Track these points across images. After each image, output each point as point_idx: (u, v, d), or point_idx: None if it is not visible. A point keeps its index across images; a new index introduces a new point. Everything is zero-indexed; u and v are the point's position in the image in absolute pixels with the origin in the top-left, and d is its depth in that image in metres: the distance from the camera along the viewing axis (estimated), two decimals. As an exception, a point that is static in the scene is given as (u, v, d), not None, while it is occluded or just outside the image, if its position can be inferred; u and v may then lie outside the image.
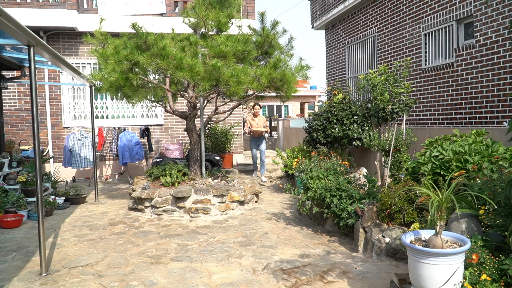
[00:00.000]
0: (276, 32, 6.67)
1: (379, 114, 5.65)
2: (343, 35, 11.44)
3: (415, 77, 8.21)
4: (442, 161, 4.40)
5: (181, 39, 6.42)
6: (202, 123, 7.07)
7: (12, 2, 8.85)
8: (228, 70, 5.54)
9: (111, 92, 6.17)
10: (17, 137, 9.41)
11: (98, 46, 6.31)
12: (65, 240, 4.96)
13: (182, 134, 10.36)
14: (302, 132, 10.08)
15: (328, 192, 5.00)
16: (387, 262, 4.01)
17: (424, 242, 2.67)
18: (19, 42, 3.88)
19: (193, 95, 6.68)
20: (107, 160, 10.10)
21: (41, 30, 9.20)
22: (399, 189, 4.23)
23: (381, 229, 4.19)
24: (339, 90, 8.66)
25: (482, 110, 6.62)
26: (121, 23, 8.67)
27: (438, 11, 7.55)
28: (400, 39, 8.72)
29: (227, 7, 6.39)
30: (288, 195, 7.72)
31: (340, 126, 7.70)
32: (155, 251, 4.48)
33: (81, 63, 9.78)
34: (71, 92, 9.93)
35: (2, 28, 3.34)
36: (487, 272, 2.57)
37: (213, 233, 5.16)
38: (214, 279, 3.67)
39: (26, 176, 6.56)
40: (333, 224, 5.10)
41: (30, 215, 6.03)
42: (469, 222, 3.01)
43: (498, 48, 6.29)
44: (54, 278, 3.74)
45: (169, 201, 6.12)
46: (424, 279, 2.51)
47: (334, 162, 6.49)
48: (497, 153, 4.23)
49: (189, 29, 6.87)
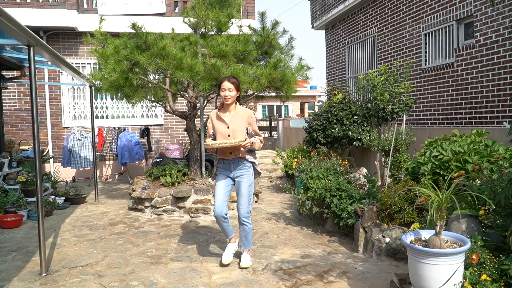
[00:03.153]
0: (276, 32, 6.67)
1: (379, 114, 5.65)
2: (343, 35, 11.44)
3: (415, 77, 8.21)
4: (442, 161, 4.40)
5: (181, 39, 6.41)
6: (202, 123, 7.07)
7: (12, 2, 8.85)
8: (228, 70, 5.54)
9: (111, 92, 6.17)
10: (17, 137, 9.41)
11: (98, 46, 6.31)
12: (65, 240, 4.96)
13: (182, 134, 10.36)
14: (302, 132, 10.08)
15: (328, 192, 4.99)
16: (387, 262, 4.01)
17: (424, 242, 2.67)
18: (19, 42, 3.87)
19: (193, 95, 6.68)
20: (107, 160, 10.10)
21: (41, 30, 9.20)
22: (399, 189, 4.23)
23: (381, 229, 4.19)
24: (339, 90, 8.66)
25: (482, 110, 6.62)
26: (121, 23, 8.67)
27: (438, 11, 7.55)
28: (400, 39, 8.71)
29: (227, 7, 6.39)
30: (288, 195, 7.71)
31: (340, 126, 7.70)
32: (155, 251, 4.48)
33: (81, 63, 9.78)
34: (71, 92, 9.92)
35: (2, 28, 3.34)
36: (487, 272, 2.56)
37: (213, 233, 5.16)
38: (214, 279, 3.67)
39: (26, 176, 6.56)
40: (333, 224, 5.10)
41: (30, 215, 6.03)
42: (469, 222, 3.00)
43: (498, 48, 6.28)
44: (54, 278, 3.74)
45: (169, 201, 6.12)
46: (424, 279, 2.51)
47: (334, 162, 6.49)
48: (497, 153, 4.23)
49: (189, 29, 6.87)
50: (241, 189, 3.85)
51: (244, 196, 3.84)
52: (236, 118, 3.83)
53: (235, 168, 3.87)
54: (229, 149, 3.80)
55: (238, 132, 3.77)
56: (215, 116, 3.89)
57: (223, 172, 3.93)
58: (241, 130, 3.79)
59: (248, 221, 3.86)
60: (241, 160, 3.86)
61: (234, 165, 3.86)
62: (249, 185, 3.86)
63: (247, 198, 3.84)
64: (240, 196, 3.86)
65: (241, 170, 3.87)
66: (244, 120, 3.84)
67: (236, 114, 3.85)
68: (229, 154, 3.82)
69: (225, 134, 3.79)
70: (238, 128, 3.79)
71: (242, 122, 3.82)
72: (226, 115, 3.85)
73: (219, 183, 3.89)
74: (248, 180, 3.86)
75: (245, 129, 3.83)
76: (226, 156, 3.85)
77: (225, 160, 3.89)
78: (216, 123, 3.86)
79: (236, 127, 3.79)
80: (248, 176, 3.87)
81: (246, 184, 3.85)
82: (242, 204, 3.84)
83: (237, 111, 3.86)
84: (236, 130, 3.78)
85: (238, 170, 3.86)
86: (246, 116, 3.85)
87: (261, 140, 3.88)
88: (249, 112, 3.87)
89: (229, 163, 3.87)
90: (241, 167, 3.86)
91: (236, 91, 3.78)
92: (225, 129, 3.80)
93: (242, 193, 3.84)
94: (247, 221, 3.86)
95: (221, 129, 3.81)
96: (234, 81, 3.76)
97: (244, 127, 3.82)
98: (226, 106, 3.86)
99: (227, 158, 3.86)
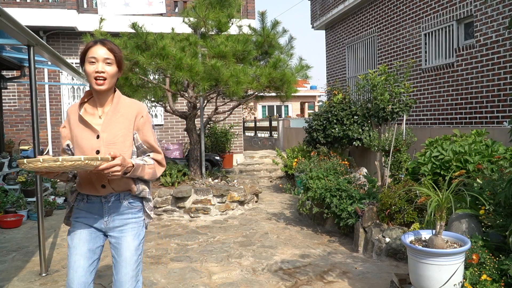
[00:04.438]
0: (276, 32, 6.66)
1: (379, 114, 5.65)
2: (343, 35, 11.43)
3: (415, 77, 8.20)
4: (442, 161, 4.39)
5: (181, 39, 6.41)
6: (202, 123, 7.07)
7: (12, 2, 8.85)
8: (227, 70, 5.54)
9: (111, 92, 6.15)
10: (17, 137, 9.40)
11: (98, 46, 6.30)
12: (65, 240, 4.96)
13: (182, 134, 10.36)
14: (302, 132, 10.08)
15: (328, 192, 4.99)
16: (387, 262, 4.01)
17: (424, 242, 2.66)
18: (19, 42, 3.88)
19: (193, 95, 6.68)
20: (107, 160, 10.09)
21: (41, 30, 9.20)
22: (399, 189, 4.22)
23: (381, 229, 4.19)
24: (339, 90, 8.66)
25: (482, 110, 6.61)
26: (121, 23, 8.66)
27: (438, 11, 7.54)
28: (400, 39, 8.71)
29: (227, 7, 6.38)
30: (288, 195, 7.71)
31: (340, 126, 7.69)
32: (155, 251, 4.48)
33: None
34: (71, 92, 9.92)
35: (2, 28, 3.34)
36: (487, 272, 2.56)
37: (213, 233, 5.16)
38: (214, 279, 3.67)
39: (26, 176, 6.56)
40: (333, 224, 5.10)
41: (30, 215, 6.02)
42: (469, 222, 3.00)
43: (498, 48, 6.28)
44: (54, 278, 3.74)
45: (169, 201, 6.12)
46: (424, 279, 2.51)
47: (334, 162, 6.49)
48: (497, 153, 4.23)
49: (189, 29, 6.87)
50: (122, 252, 2.05)
51: (129, 264, 2.04)
52: (114, 118, 2.02)
53: (111, 213, 2.05)
54: (96, 176, 1.97)
55: (117, 146, 1.99)
56: (75, 115, 2.05)
57: (83, 220, 2.07)
58: (122, 142, 2.01)
59: None
60: (125, 197, 2.07)
61: (110, 208, 2.05)
62: (138, 244, 2.09)
63: (134, 268, 2.06)
64: (121, 267, 2.05)
65: (123, 217, 2.07)
66: (130, 121, 2.04)
67: (116, 111, 2.04)
68: (101, 188, 2.01)
69: (90, 150, 1.98)
70: (116, 139, 2.00)
71: (126, 126, 2.03)
72: (96, 114, 2.05)
73: (76, 241, 2.06)
74: (136, 235, 2.08)
75: (131, 139, 2.05)
76: (92, 190, 2.03)
77: (90, 197, 2.06)
78: (76, 128, 2.02)
79: (113, 137, 1.99)
80: (136, 228, 2.09)
81: (133, 242, 2.07)
82: (125, 283, 2.04)
83: (117, 106, 2.06)
84: (112, 142, 1.99)
85: (116, 216, 2.06)
86: (134, 113, 2.06)
87: (160, 162, 2.10)
88: (140, 106, 2.10)
89: (99, 202, 2.04)
90: (123, 210, 2.07)
91: (117, 67, 2.05)
92: (92, 139, 1.99)
93: (125, 261, 2.04)
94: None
95: (85, 140, 1.99)
96: (113, 47, 2.02)
97: (128, 136, 2.03)
98: (99, 96, 2.05)
99: (94, 194, 2.04)
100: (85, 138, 1.99)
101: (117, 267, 2.05)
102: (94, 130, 1.99)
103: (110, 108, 2.04)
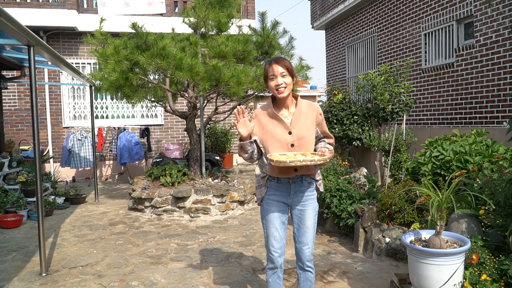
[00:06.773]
0: (277, 32, 6.67)
1: (379, 114, 5.65)
2: (343, 35, 11.44)
3: (415, 77, 8.21)
4: (443, 161, 4.40)
5: (181, 39, 6.42)
6: (202, 123, 7.07)
7: (12, 2, 8.85)
8: (228, 71, 5.54)
9: (111, 92, 6.17)
10: (17, 137, 9.41)
11: (98, 46, 6.31)
12: (65, 240, 4.96)
13: (182, 134, 10.36)
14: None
15: (328, 192, 4.99)
16: (387, 262, 4.01)
17: (424, 242, 2.67)
18: (19, 42, 3.88)
19: (193, 95, 6.68)
20: (107, 160, 10.10)
21: (41, 30, 9.20)
22: (399, 189, 4.23)
23: (381, 229, 4.19)
24: (339, 90, 8.66)
25: (482, 110, 6.61)
26: (121, 23, 8.67)
27: (438, 11, 7.54)
28: (400, 39, 8.71)
29: (227, 7, 6.39)
30: (288, 195, 7.71)
31: (340, 126, 7.70)
32: (155, 251, 4.48)
33: (81, 63, 9.77)
34: (71, 92, 9.93)
35: (2, 28, 3.34)
36: (487, 272, 2.56)
37: (213, 233, 5.16)
38: (214, 279, 3.67)
39: (26, 176, 6.56)
40: (333, 224, 5.10)
41: (30, 215, 6.03)
42: (469, 222, 3.00)
43: (498, 48, 6.28)
44: (54, 278, 3.74)
45: (169, 201, 6.12)
46: (424, 279, 2.51)
47: (334, 162, 6.49)
48: (497, 153, 4.23)
49: (189, 29, 6.87)
50: (305, 221, 2.60)
51: (310, 231, 2.61)
52: (299, 118, 2.51)
53: (296, 191, 2.59)
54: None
55: (306, 140, 2.49)
56: (266, 114, 2.54)
57: (275, 198, 2.60)
58: (309, 136, 2.51)
59: (313, 267, 2.66)
60: (306, 179, 2.59)
61: (295, 186, 2.58)
62: (315, 215, 2.64)
63: (314, 233, 2.64)
64: (304, 232, 2.60)
65: (305, 194, 2.59)
66: (312, 120, 2.54)
67: (299, 111, 2.52)
68: (293, 171, 2.51)
69: (285, 144, 2.48)
70: (304, 134, 2.49)
71: (310, 123, 2.52)
72: (284, 114, 2.55)
73: (273, 215, 2.60)
74: (314, 207, 2.63)
75: (314, 132, 2.56)
76: (286, 174, 2.53)
77: (281, 179, 2.57)
78: (270, 124, 2.51)
79: (302, 132, 2.49)
80: (314, 202, 2.63)
81: (312, 213, 2.61)
82: (307, 243, 2.60)
83: (300, 107, 2.53)
84: (302, 136, 2.49)
85: (299, 194, 2.59)
86: (315, 113, 2.55)
87: (333, 144, 2.68)
88: (317, 107, 2.59)
89: (287, 183, 2.57)
90: (304, 189, 2.59)
91: (291, 77, 2.48)
92: (285, 135, 2.48)
93: (308, 227, 2.60)
94: (312, 267, 2.66)
95: (279, 135, 2.49)
96: (286, 63, 2.47)
97: (312, 132, 2.54)
98: (281, 102, 2.53)
99: (286, 176, 2.55)
100: (280, 134, 2.48)
101: (300, 232, 2.62)
102: (285, 126, 2.49)
103: (295, 110, 2.53)
